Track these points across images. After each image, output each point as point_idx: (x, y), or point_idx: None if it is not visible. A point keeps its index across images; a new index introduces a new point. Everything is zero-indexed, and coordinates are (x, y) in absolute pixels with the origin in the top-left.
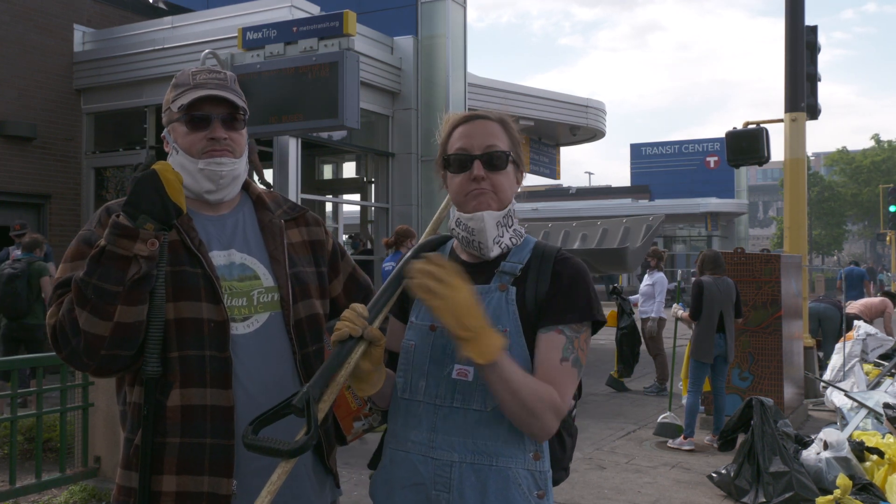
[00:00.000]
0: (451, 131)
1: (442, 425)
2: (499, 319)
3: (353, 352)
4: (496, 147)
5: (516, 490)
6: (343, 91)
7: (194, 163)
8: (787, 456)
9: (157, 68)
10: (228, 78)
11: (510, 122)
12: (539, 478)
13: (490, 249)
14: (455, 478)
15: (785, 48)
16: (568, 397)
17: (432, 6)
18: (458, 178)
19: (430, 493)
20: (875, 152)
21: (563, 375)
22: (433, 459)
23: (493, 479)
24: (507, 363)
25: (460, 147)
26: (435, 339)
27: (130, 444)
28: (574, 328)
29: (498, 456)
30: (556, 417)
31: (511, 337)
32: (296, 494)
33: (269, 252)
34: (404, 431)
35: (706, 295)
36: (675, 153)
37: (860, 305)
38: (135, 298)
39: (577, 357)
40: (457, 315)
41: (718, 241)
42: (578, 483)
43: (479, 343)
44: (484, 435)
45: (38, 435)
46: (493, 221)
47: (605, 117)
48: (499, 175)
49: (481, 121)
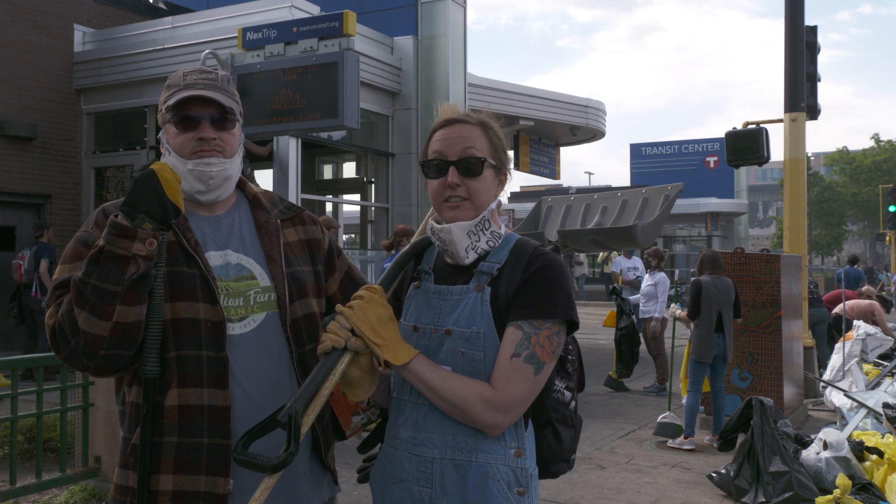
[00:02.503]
0: (431, 134)
1: (424, 422)
2: (473, 321)
3: (338, 363)
4: (472, 153)
5: (495, 485)
6: (343, 91)
7: (184, 163)
8: (787, 456)
9: (157, 68)
10: (220, 78)
11: (492, 125)
12: (521, 474)
13: (463, 258)
14: (437, 473)
15: (785, 48)
16: (516, 392)
17: (432, 6)
18: (434, 182)
19: (414, 488)
20: (875, 152)
21: (509, 371)
22: (416, 456)
23: (473, 474)
24: (423, 365)
25: (437, 152)
26: (418, 338)
27: (128, 443)
28: (534, 324)
29: (477, 452)
30: (493, 412)
31: (484, 338)
32: (293, 491)
33: (266, 252)
34: (394, 429)
35: (705, 295)
36: (675, 153)
37: (847, 306)
38: (134, 298)
39: (533, 353)
40: (371, 325)
41: (718, 241)
42: (578, 483)
43: (391, 349)
44: (463, 431)
45: (38, 435)
46: (463, 233)
47: (605, 117)
48: (474, 181)
49: (460, 125)
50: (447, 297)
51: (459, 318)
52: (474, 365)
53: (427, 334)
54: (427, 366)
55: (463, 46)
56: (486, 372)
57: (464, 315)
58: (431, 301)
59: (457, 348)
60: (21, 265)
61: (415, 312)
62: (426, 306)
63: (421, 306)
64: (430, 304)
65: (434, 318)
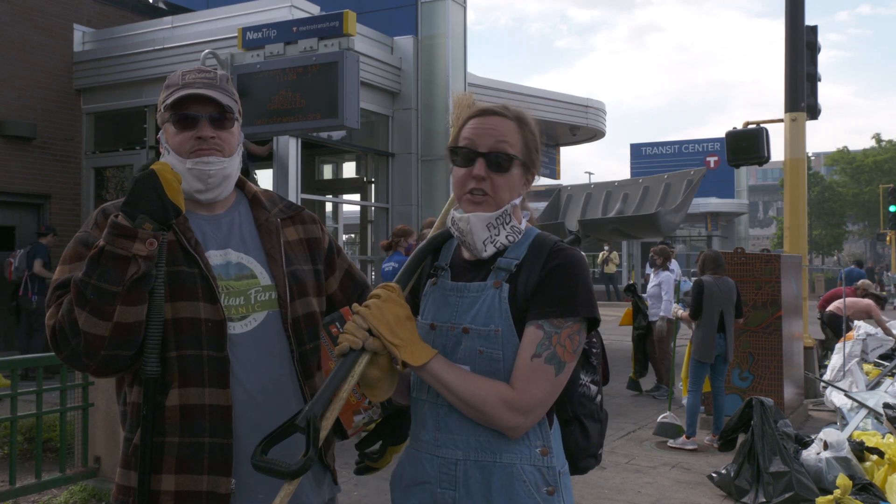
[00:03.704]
0: (465, 121)
1: (445, 423)
2: (491, 319)
3: (356, 365)
4: (504, 148)
5: (521, 486)
6: (343, 91)
7: (183, 162)
8: (787, 456)
9: (157, 68)
10: (219, 77)
11: (528, 121)
12: (548, 474)
13: (480, 250)
14: (460, 475)
15: (785, 48)
16: (537, 394)
17: (432, 6)
18: (460, 171)
19: (436, 490)
20: (876, 152)
21: (530, 372)
22: (438, 458)
23: (498, 475)
24: (442, 366)
25: (468, 139)
26: (435, 337)
27: (130, 443)
28: (555, 323)
29: (501, 452)
30: (513, 414)
31: (503, 337)
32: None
33: (266, 251)
34: (416, 430)
35: (706, 295)
36: (675, 153)
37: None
38: (134, 298)
39: (554, 353)
40: (389, 325)
41: (718, 241)
42: (578, 483)
43: (409, 349)
44: (486, 431)
45: (38, 435)
46: (483, 224)
47: (605, 117)
48: (501, 177)
49: (496, 117)
50: (464, 294)
51: (477, 316)
52: (493, 364)
53: (444, 332)
54: (445, 366)
55: (463, 46)
56: (505, 371)
57: (481, 312)
58: (448, 298)
59: (475, 347)
60: (12, 262)
61: (432, 310)
62: (443, 303)
63: (438, 303)
64: (447, 301)
65: (451, 316)
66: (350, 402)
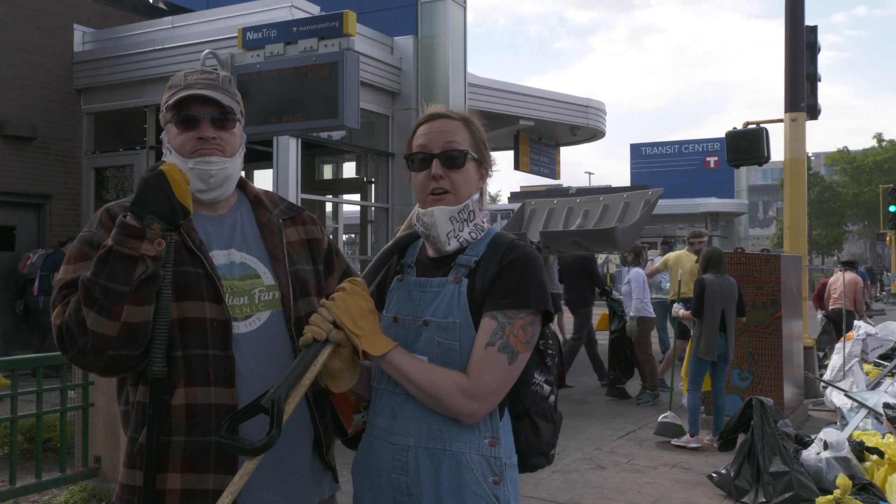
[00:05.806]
0: (415, 129)
1: (400, 411)
2: (450, 312)
3: (319, 354)
4: (455, 146)
5: (468, 474)
6: (343, 91)
7: (185, 163)
8: (787, 456)
9: (157, 68)
10: (221, 78)
11: (474, 121)
12: (494, 464)
13: (444, 243)
14: (412, 462)
15: (785, 48)
16: (491, 381)
17: (432, 6)
18: (419, 175)
19: (391, 476)
20: (876, 152)
21: (484, 360)
22: (392, 444)
23: (447, 463)
24: (401, 356)
25: (420, 145)
26: (397, 329)
27: (135, 443)
28: (508, 314)
29: (451, 441)
30: (468, 400)
31: (461, 329)
32: (295, 488)
33: (269, 251)
34: (373, 418)
35: (708, 293)
36: (675, 153)
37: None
38: (142, 298)
39: (507, 342)
40: (352, 316)
41: (718, 241)
42: (578, 483)
43: (370, 340)
44: (437, 420)
45: (38, 435)
46: (445, 217)
47: (605, 117)
48: (457, 173)
49: (442, 119)
50: (426, 289)
51: (437, 309)
52: (450, 354)
53: (406, 325)
54: (404, 357)
55: (463, 46)
56: (461, 362)
57: (441, 306)
58: (412, 293)
59: (434, 338)
60: (30, 257)
61: (396, 304)
62: (407, 298)
63: (402, 298)
64: (410, 295)
65: (413, 310)
66: (350, 402)
